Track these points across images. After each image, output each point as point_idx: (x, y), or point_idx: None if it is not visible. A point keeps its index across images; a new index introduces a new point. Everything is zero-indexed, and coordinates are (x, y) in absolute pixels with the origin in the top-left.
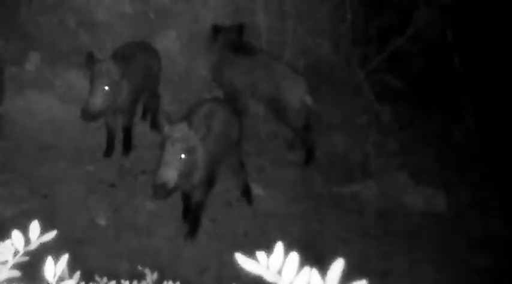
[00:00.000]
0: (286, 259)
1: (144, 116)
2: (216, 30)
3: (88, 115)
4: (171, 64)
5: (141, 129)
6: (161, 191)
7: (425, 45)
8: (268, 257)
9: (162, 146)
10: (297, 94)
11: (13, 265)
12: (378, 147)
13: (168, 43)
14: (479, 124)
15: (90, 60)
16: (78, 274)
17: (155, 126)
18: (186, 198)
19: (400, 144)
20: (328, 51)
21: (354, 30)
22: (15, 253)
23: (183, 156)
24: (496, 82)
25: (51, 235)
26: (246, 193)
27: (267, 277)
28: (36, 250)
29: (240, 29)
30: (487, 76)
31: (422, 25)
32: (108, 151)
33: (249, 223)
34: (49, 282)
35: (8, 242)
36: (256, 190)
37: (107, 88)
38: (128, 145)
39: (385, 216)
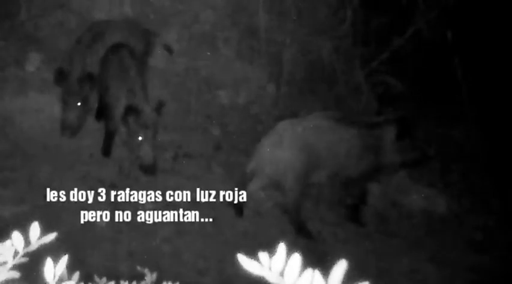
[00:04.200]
0: (289, 260)
1: None
2: None
3: (68, 132)
4: (171, 64)
5: None
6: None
7: (425, 46)
8: (270, 258)
9: None
10: None
11: (13, 266)
12: None
13: (168, 43)
14: (479, 124)
15: (60, 76)
16: (77, 274)
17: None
18: None
19: None
20: (328, 51)
21: (354, 31)
22: (15, 254)
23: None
24: (496, 82)
25: (51, 236)
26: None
27: (269, 278)
28: (36, 251)
29: None
30: (487, 76)
31: (422, 25)
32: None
33: (249, 223)
34: (48, 283)
35: (8, 243)
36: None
37: (79, 104)
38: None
39: (385, 216)
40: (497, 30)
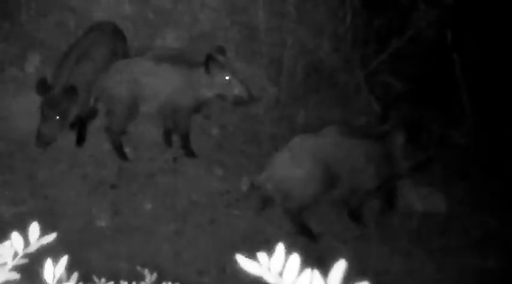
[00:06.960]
0: (287, 261)
1: None
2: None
3: (41, 143)
4: None
5: (140, 128)
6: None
7: (425, 46)
8: (269, 258)
9: None
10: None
11: (12, 266)
12: None
13: (167, 44)
14: (480, 125)
15: (43, 87)
16: (75, 275)
17: None
18: None
19: None
20: (328, 51)
21: (354, 31)
22: (15, 255)
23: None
24: (496, 82)
25: (50, 237)
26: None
27: (268, 278)
28: (35, 251)
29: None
30: (487, 76)
31: (422, 26)
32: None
33: (249, 223)
34: None
35: (7, 243)
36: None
37: (57, 117)
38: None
39: (385, 216)
40: (497, 30)
